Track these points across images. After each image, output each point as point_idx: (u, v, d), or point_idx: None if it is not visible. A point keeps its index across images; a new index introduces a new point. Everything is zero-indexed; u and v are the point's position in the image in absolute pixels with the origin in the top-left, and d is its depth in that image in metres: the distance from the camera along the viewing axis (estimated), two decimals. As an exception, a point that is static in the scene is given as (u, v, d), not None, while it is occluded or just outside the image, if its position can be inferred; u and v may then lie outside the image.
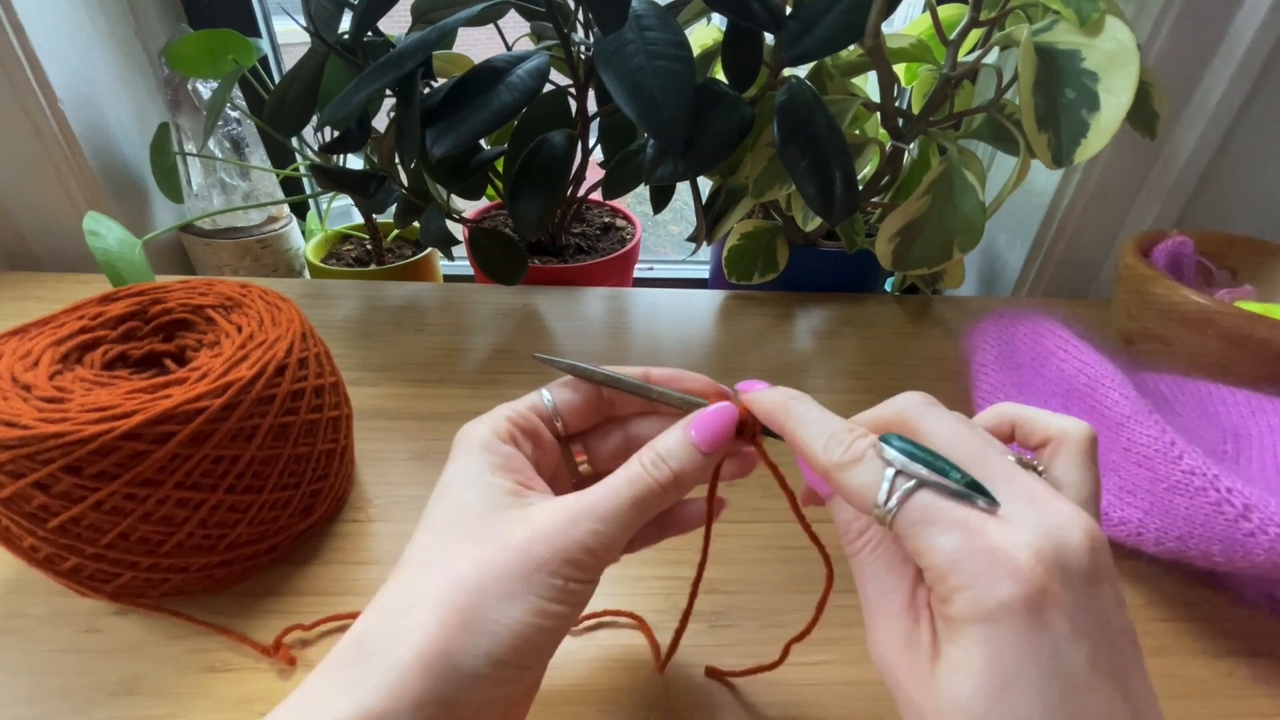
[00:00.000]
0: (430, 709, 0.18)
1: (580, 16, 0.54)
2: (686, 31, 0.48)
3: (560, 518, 0.21)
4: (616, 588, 0.35)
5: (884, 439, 0.20)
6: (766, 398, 0.23)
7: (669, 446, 0.22)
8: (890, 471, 0.19)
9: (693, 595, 0.28)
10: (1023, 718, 0.17)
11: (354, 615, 0.32)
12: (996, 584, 0.17)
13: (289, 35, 0.74)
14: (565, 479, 0.27)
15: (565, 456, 0.26)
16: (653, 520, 0.25)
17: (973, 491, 0.18)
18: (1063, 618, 0.17)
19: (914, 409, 0.21)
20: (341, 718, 0.18)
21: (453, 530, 0.21)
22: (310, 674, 0.20)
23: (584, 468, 0.27)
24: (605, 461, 0.27)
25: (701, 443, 0.22)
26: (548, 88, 0.52)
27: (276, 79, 0.69)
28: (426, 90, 0.53)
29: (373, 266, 0.69)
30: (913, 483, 0.19)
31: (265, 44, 0.71)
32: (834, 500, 0.23)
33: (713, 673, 0.31)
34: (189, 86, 0.63)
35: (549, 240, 0.67)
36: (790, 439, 0.22)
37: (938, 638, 0.19)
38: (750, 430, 0.23)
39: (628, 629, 0.33)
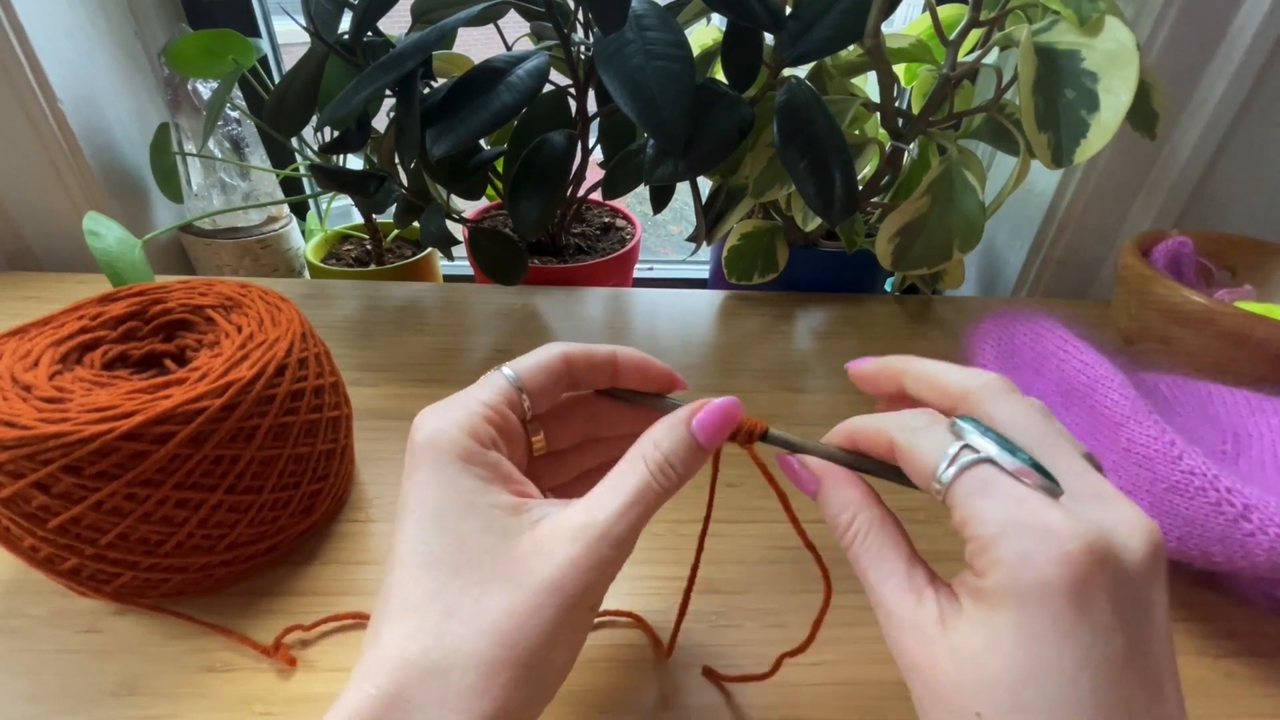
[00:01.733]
0: None
1: (580, 16, 0.54)
2: (686, 31, 0.48)
3: (578, 548, 0.20)
4: (615, 587, 0.35)
5: (958, 418, 0.20)
6: (880, 360, 0.23)
7: (674, 448, 0.21)
8: (958, 444, 0.19)
9: (693, 575, 0.28)
10: (1048, 704, 0.16)
11: (353, 615, 0.32)
12: (1042, 563, 0.17)
13: (289, 35, 0.74)
14: (522, 459, 0.25)
15: (525, 440, 0.25)
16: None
17: (1037, 473, 0.18)
18: (1105, 610, 0.17)
19: (992, 389, 0.21)
20: None
21: (465, 571, 0.19)
22: None
23: (539, 446, 0.25)
24: (563, 441, 0.26)
25: (706, 441, 0.22)
26: (548, 88, 0.52)
27: (276, 79, 0.69)
28: (426, 90, 0.53)
29: (373, 266, 0.69)
30: (977, 455, 0.19)
31: (265, 44, 0.71)
32: (822, 493, 0.23)
33: (710, 674, 0.31)
34: (189, 86, 0.63)
35: (549, 240, 0.67)
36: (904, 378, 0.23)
37: (947, 614, 0.19)
38: (744, 435, 0.23)
39: (626, 629, 0.33)
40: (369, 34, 0.52)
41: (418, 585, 0.19)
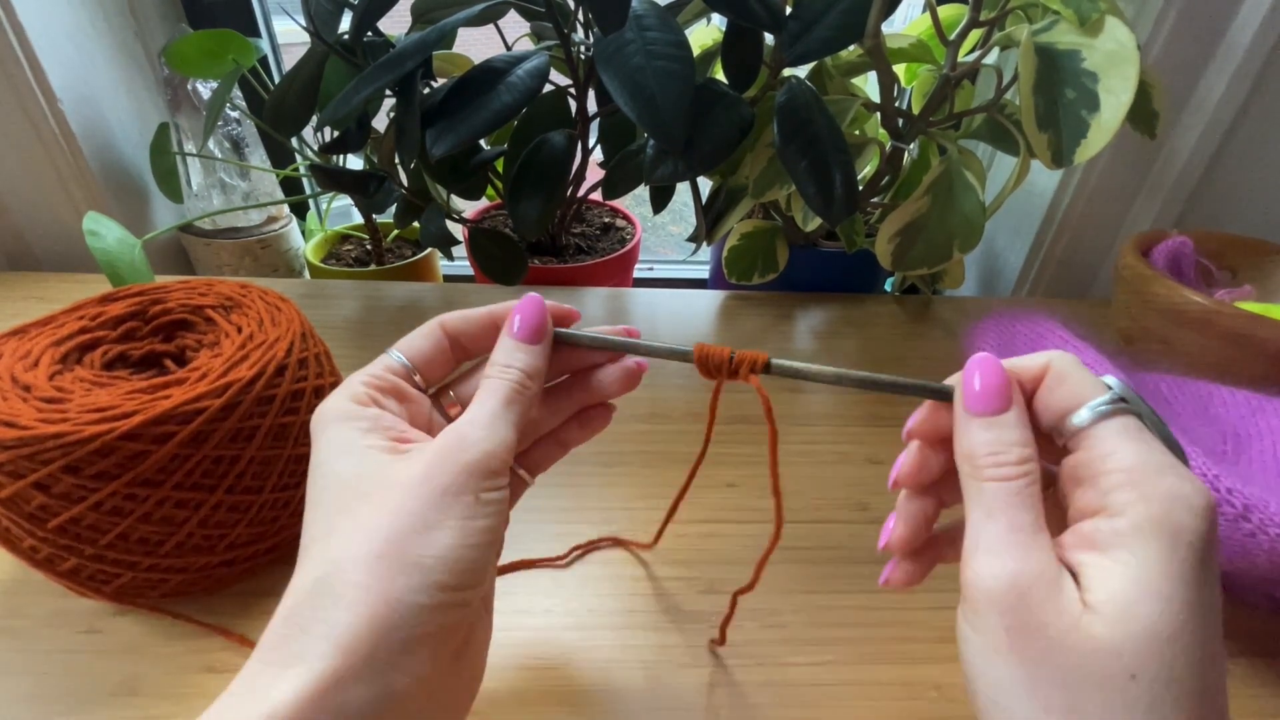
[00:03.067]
0: (384, 655, 0.18)
1: (580, 16, 0.54)
2: (686, 31, 0.48)
3: (448, 441, 0.21)
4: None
5: (1109, 377, 0.20)
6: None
7: (505, 351, 0.24)
8: (1113, 392, 0.20)
9: (682, 492, 0.29)
10: (1194, 654, 0.17)
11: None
12: (1187, 513, 0.17)
13: (289, 35, 0.74)
14: (425, 419, 0.26)
15: (439, 410, 0.26)
16: (571, 415, 0.28)
17: (1172, 444, 0.19)
18: (1214, 565, 0.18)
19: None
20: (291, 692, 0.17)
21: (342, 496, 0.21)
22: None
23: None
24: (564, 412, 0.28)
25: (524, 336, 0.24)
26: (548, 88, 0.52)
27: (276, 79, 0.69)
28: (426, 90, 0.53)
29: (373, 266, 0.69)
30: (1130, 406, 0.19)
31: (265, 44, 0.71)
32: (1007, 417, 0.21)
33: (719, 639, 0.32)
34: (189, 86, 0.63)
35: (549, 240, 0.67)
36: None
37: (1082, 580, 0.18)
38: (746, 368, 0.24)
39: (627, 628, 0.33)
40: (369, 34, 0.52)
41: (308, 529, 0.21)
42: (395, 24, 0.55)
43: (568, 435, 0.28)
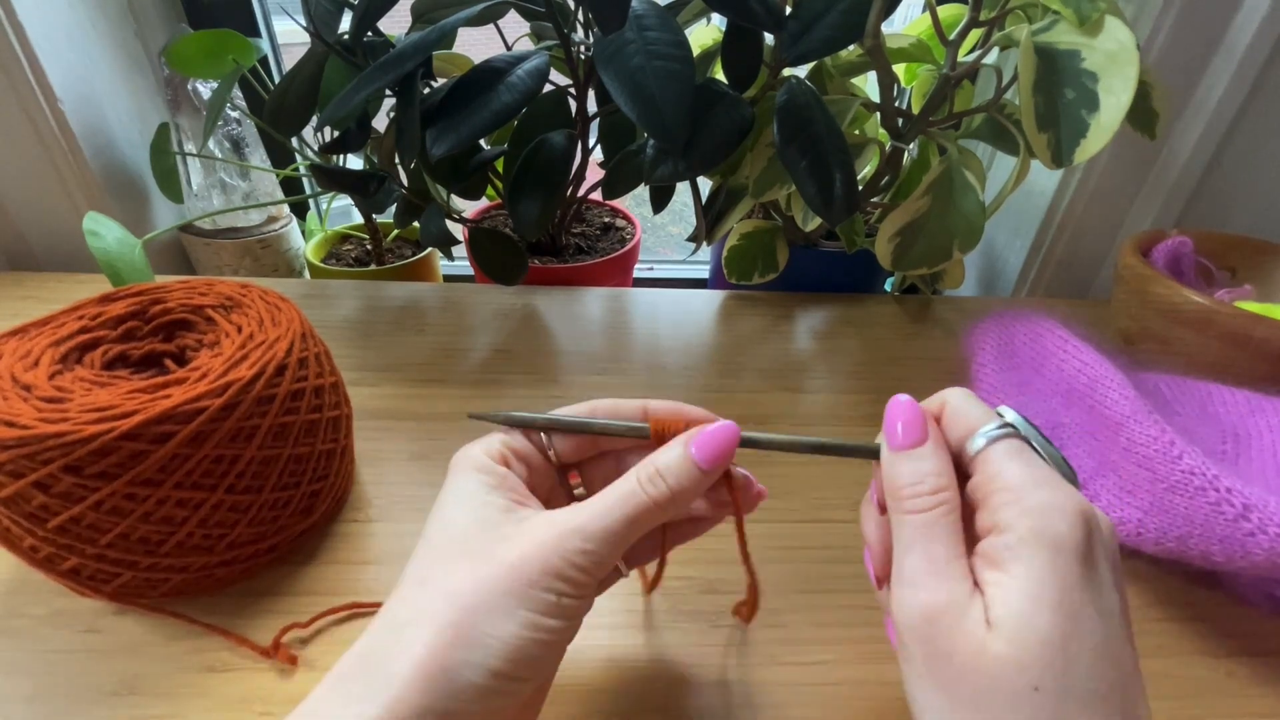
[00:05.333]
0: (429, 717, 0.19)
1: (580, 16, 0.54)
2: (686, 31, 0.48)
3: (550, 534, 0.21)
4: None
5: (1002, 407, 0.22)
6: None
7: (668, 463, 0.22)
8: (1002, 420, 0.22)
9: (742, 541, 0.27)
10: (1087, 657, 0.18)
11: (349, 607, 0.32)
12: (1061, 521, 0.19)
13: (289, 35, 0.74)
14: (562, 501, 0.27)
15: (561, 482, 0.27)
16: (656, 533, 0.26)
17: (1058, 461, 0.21)
18: (1105, 569, 0.19)
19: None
20: None
21: (448, 548, 0.22)
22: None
23: (579, 491, 0.27)
24: (600, 486, 0.27)
25: (703, 460, 0.22)
26: (548, 88, 0.52)
27: (276, 79, 0.69)
28: (426, 90, 0.53)
29: (373, 266, 0.69)
30: (1016, 430, 0.21)
31: (265, 44, 0.71)
32: (921, 450, 0.22)
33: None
34: (189, 86, 0.63)
35: (549, 240, 0.67)
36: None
37: (987, 603, 0.19)
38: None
39: (626, 628, 0.33)
40: (369, 34, 0.52)
41: (413, 564, 0.22)
42: (395, 24, 0.55)
43: (680, 533, 0.28)
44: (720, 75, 0.52)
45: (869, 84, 0.57)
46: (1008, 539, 0.19)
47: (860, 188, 0.53)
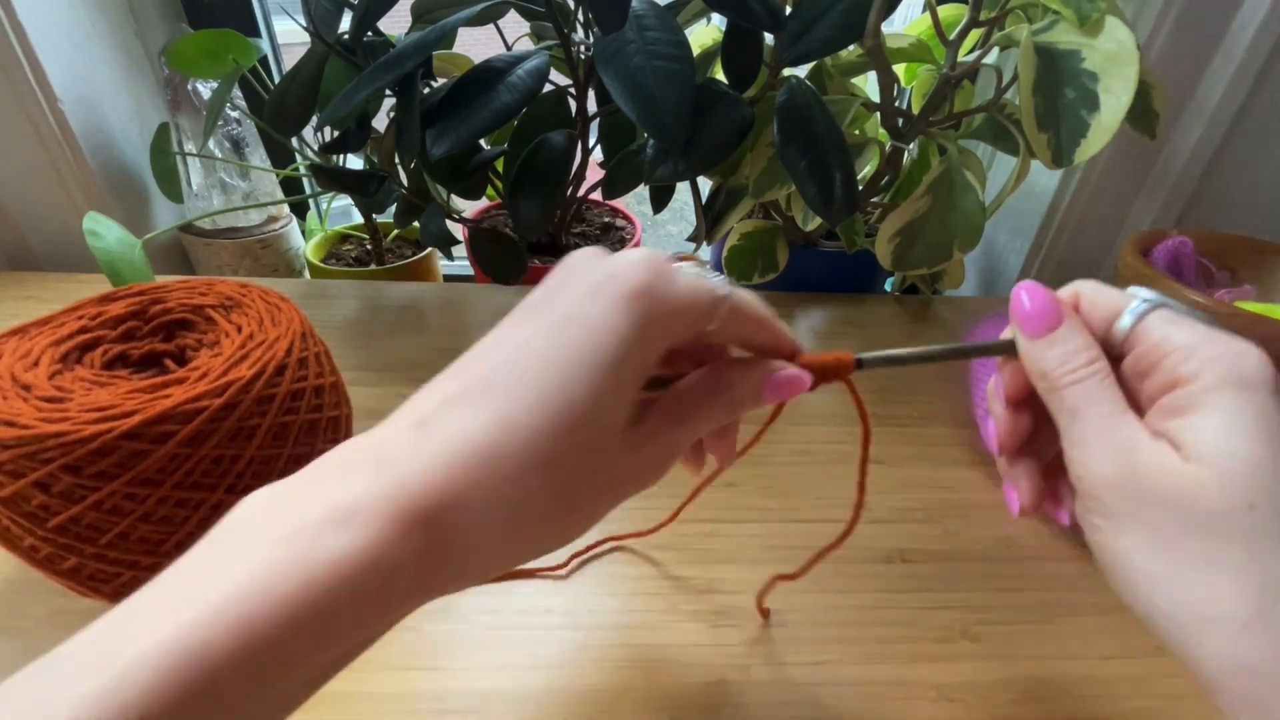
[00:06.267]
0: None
1: (580, 16, 0.54)
2: (686, 31, 0.48)
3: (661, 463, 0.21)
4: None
5: (1131, 287, 0.22)
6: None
7: (742, 397, 0.23)
8: (1139, 296, 0.21)
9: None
10: None
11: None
12: (1246, 362, 0.19)
13: (289, 35, 0.74)
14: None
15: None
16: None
17: (1206, 320, 0.21)
18: None
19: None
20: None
21: (584, 460, 0.19)
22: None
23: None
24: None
25: (773, 400, 0.23)
26: (548, 88, 0.52)
27: (276, 79, 0.69)
28: (426, 90, 0.53)
29: (373, 266, 0.69)
30: (1157, 301, 0.21)
31: (265, 44, 0.71)
32: (1063, 330, 0.22)
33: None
34: (189, 86, 0.63)
35: (549, 240, 0.67)
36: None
37: (1173, 436, 0.19)
38: (833, 375, 0.25)
39: (634, 629, 0.33)
40: (369, 34, 0.52)
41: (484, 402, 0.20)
42: (395, 24, 0.55)
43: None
44: (720, 75, 0.52)
45: (869, 84, 0.57)
46: (1194, 388, 0.19)
47: (860, 188, 0.53)
